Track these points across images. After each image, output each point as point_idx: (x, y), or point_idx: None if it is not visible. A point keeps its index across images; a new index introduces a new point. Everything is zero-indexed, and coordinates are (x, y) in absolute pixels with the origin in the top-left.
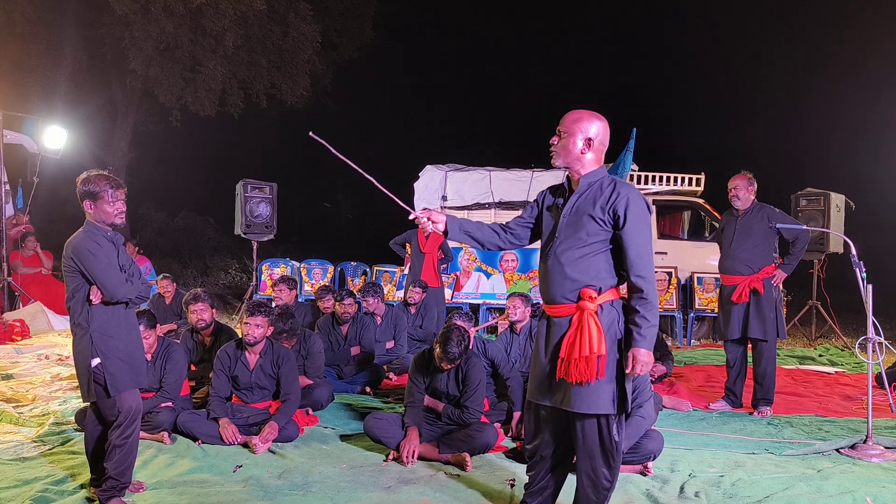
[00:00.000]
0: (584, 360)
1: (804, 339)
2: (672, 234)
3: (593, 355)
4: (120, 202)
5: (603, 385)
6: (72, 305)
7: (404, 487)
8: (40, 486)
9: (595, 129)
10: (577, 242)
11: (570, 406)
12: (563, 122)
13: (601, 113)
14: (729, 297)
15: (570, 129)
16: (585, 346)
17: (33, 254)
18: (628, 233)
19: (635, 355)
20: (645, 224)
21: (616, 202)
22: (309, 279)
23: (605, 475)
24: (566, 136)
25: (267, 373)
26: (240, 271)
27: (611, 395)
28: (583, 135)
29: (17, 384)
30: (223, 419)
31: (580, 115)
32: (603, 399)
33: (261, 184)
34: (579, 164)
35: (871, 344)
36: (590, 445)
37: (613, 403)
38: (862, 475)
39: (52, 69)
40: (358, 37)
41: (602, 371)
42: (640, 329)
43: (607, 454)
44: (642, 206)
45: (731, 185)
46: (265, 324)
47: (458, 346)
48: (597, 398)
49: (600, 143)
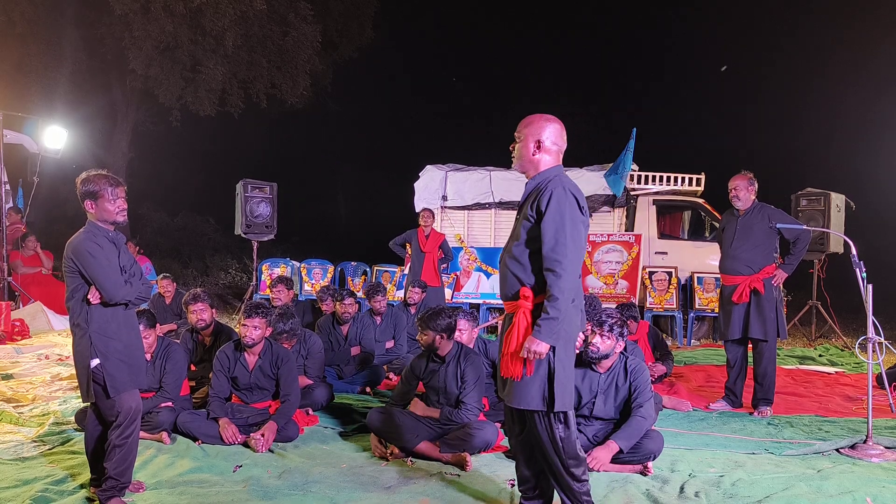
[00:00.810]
0: (512, 357)
1: (804, 339)
2: (672, 234)
3: (515, 352)
4: (121, 200)
5: (532, 382)
6: (71, 306)
7: (404, 487)
8: (40, 485)
9: (546, 131)
10: (516, 242)
11: (510, 401)
12: (518, 127)
13: (602, 113)
14: (729, 297)
15: (523, 133)
16: (514, 343)
17: (33, 254)
18: (543, 225)
19: (527, 344)
20: (562, 216)
21: (541, 198)
22: (309, 279)
23: (562, 472)
24: (520, 141)
25: (266, 374)
26: (240, 271)
27: (540, 393)
28: (533, 137)
29: (17, 384)
30: (223, 419)
31: (531, 119)
32: (533, 395)
33: (261, 184)
34: (532, 166)
35: (871, 344)
36: (538, 441)
37: (543, 401)
38: (862, 475)
39: (52, 69)
40: (358, 37)
41: (530, 368)
42: (539, 320)
43: (557, 450)
44: (563, 199)
45: (732, 185)
46: (262, 325)
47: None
48: (527, 394)
49: (553, 143)
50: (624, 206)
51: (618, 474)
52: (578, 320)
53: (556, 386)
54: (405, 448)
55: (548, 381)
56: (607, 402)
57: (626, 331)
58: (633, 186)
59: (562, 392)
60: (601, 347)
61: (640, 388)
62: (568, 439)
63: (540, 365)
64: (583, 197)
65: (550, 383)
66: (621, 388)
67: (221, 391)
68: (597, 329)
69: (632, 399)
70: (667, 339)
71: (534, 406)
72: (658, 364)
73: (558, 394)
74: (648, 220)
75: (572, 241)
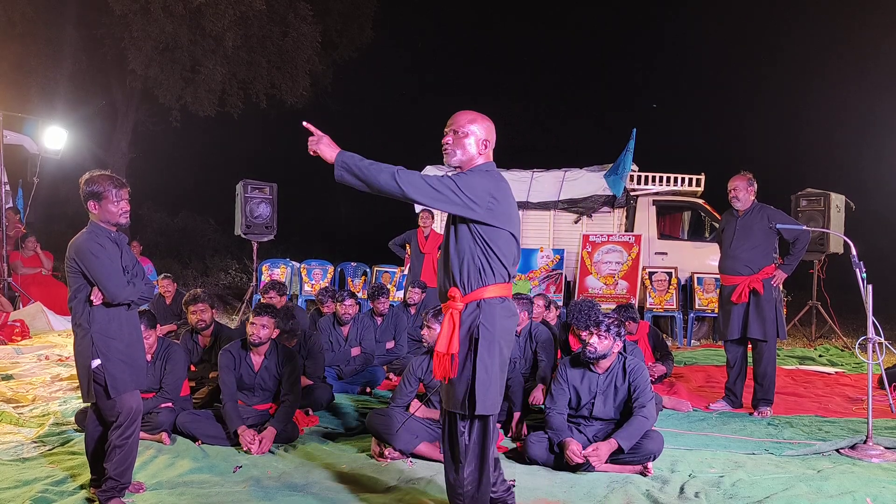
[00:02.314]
0: (440, 357)
1: (804, 340)
2: (672, 235)
3: (443, 354)
4: (124, 202)
5: (458, 384)
6: (73, 306)
7: (404, 487)
8: (40, 486)
9: (490, 131)
10: (447, 243)
11: (446, 403)
12: (455, 121)
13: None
14: (729, 298)
15: (468, 130)
16: (442, 344)
17: (33, 254)
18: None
19: None
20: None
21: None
22: (309, 280)
23: (452, 475)
24: (462, 137)
25: (272, 373)
26: (240, 272)
27: (463, 395)
28: (478, 137)
29: (18, 385)
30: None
31: (474, 117)
32: (457, 397)
33: (261, 184)
34: (471, 163)
35: (871, 344)
36: (444, 440)
37: (464, 404)
38: (862, 475)
39: (52, 69)
40: (358, 37)
41: (455, 369)
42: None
43: (455, 453)
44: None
45: (731, 185)
46: (271, 325)
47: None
48: (453, 395)
49: (491, 144)
50: (624, 206)
51: (618, 475)
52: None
53: (477, 389)
54: (405, 450)
55: (469, 384)
56: (607, 403)
57: (624, 330)
58: (632, 187)
59: (483, 395)
60: (598, 348)
61: (641, 388)
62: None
63: (462, 366)
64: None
65: (472, 386)
66: (620, 388)
67: (232, 392)
68: (594, 329)
69: (632, 399)
70: (667, 340)
71: (457, 408)
72: (658, 364)
73: (478, 398)
74: (648, 220)
75: (433, 180)
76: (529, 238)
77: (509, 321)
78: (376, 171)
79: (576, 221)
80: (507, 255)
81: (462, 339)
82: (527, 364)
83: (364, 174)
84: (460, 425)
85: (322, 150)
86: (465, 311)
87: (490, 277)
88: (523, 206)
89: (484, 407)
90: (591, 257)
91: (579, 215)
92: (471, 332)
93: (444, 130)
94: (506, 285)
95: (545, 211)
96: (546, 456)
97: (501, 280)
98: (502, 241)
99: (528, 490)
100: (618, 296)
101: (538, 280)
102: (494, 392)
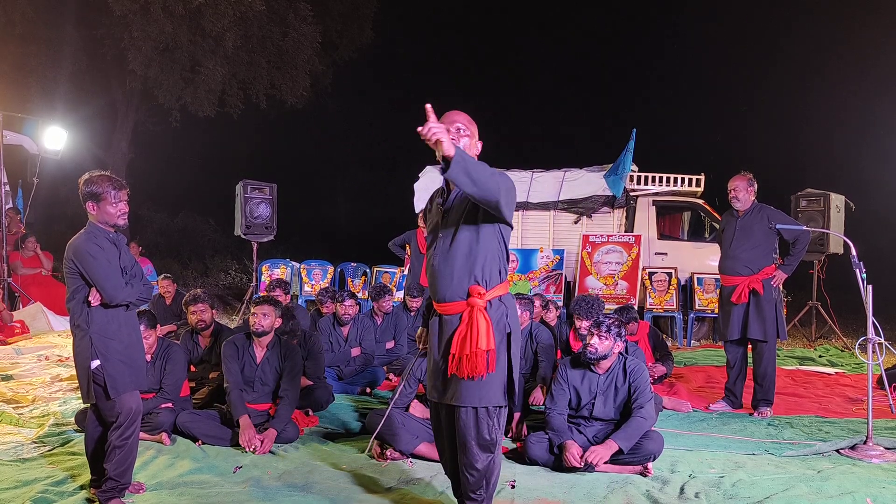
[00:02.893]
0: (475, 356)
1: (804, 340)
2: (672, 235)
3: (483, 351)
4: (122, 203)
5: (493, 378)
6: (72, 307)
7: (404, 487)
8: (40, 487)
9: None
10: (458, 240)
11: (460, 401)
12: (457, 118)
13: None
14: (728, 298)
15: (471, 131)
16: (476, 342)
17: (33, 255)
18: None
19: None
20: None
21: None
22: (309, 280)
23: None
24: (468, 136)
25: (273, 367)
26: (240, 272)
27: (501, 388)
28: (475, 138)
29: (17, 385)
30: (244, 419)
31: (469, 118)
32: (494, 392)
33: (261, 184)
34: None
35: (871, 345)
36: (468, 438)
37: (504, 395)
38: (862, 476)
39: (52, 69)
40: (358, 37)
41: (492, 365)
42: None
43: (484, 446)
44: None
45: (731, 185)
46: (272, 313)
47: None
48: (487, 391)
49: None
50: (624, 206)
51: (618, 475)
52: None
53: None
54: (405, 450)
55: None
56: (607, 403)
57: (624, 331)
58: (632, 187)
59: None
60: (599, 348)
61: (640, 389)
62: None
63: (499, 361)
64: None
65: (510, 377)
66: (621, 388)
67: (237, 380)
68: (594, 330)
69: (632, 399)
70: (667, 340)
71: (495, 402)
72: (658, 365)
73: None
74: (648, 220)
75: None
76: (529, 238)
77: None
78: (484, 172)
79: (576, 222)
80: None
81: (497, 334)
82: (527, 364)
83: (475, 173)
84: (489, 419)
85: (444, 142)
86: (490, 308)
87: (504, 274)
88: (523, 207)
89: (518, 398)
90: (590, 258)
91: (579, 215)
92: (500, 327)
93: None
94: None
95: (545, 211)
96: (546, 456)
97: (506, 277)
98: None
99: (528, 490)
100: (618, 296)
101: (538, 280)
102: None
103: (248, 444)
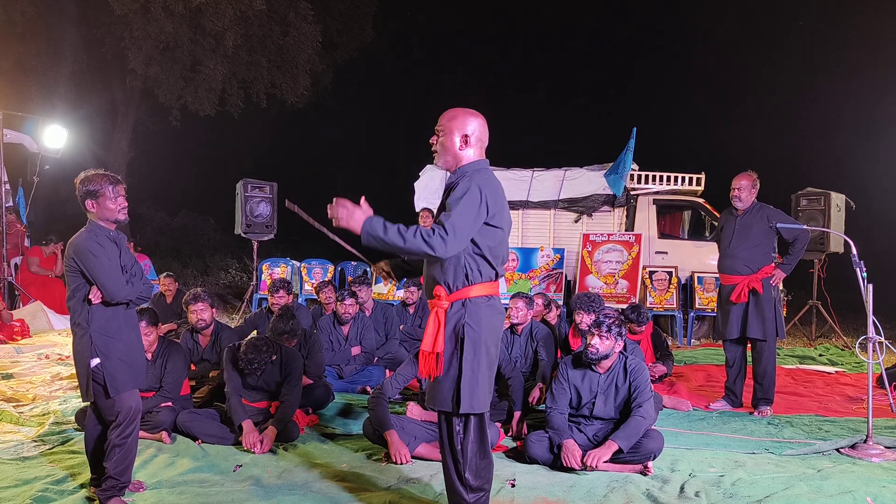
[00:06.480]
0: (425, 356)
1: (804, 339)
2: (672, 234)
3: (427, 353)
4: (121, 198)
5: (444, 382)
6: (72, 305)
7: (404, 487)
8: (40, 485)
9: (472, 125)
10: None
11: (429, 401)
12: (439, 121)
13: (604, 112)
14: (728, 297)
15: (448, 128)
16: (428, 342)
17: (53, 255)
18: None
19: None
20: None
21: (456, 188)
22: (309, 279)
23: (453, 477)
24: (444, 135)
25: (274, 374)
26: (240, 271)
27: (450, 394)
28: (460, 131)
29: (18, 384)
30: (247, 422)
31: (455, 113)
32: (444, 396)
33: (261, 183)
34: (455, 161)
35: (871, 343)
36: (442, 442)
37: (451, 402)
38: (862, 475)
39: (52, 69)
40: (358, 37)
41: (440, 368)
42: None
43: (454, 454)
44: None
45: (736, 184)
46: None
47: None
48: (439, 394)
49: (478, 139)
50: (624, 205)
51: (618, 474)
52: (496, 322)
53: (463, 387)
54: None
55: (456, 382)
56: (607, 403)
57: (625, 330)
58: (633, 186)
59: (469, 394)
60: (600, 348)
61: (640, 388)
62: (469, 447)
63: (448, 365)
64: (498, 197)
65: (458, 385)
66: (621, 388)
67: (238, 386)
68: (595, 330)
69: (631, 399)
70: (667, 339)
71: (444, 406)
72: (658, 364)
73: (463, 396)
74: (648, 219)
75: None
76: (530, 237)
77: (496, 319)
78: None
79: (576, 221)
80: (498, 255)
81: (448, 337)
82: (527, 363)
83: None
84: (456, 424)
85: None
86: (450, 310)
87: (476, 277)
88: (523, 206)
89: (470, 405)
90: (591, 256)
91: (579, 214)
92: (456, 331)
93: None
94: (492, 284)
95: (545, 210)
96: (546, 455)
97: (488, 279)
98: (495, 241)
99: (528, 489)
100: (618, 295)
101: (538, 279)
102: (482, 390)
103: (251, 446)
